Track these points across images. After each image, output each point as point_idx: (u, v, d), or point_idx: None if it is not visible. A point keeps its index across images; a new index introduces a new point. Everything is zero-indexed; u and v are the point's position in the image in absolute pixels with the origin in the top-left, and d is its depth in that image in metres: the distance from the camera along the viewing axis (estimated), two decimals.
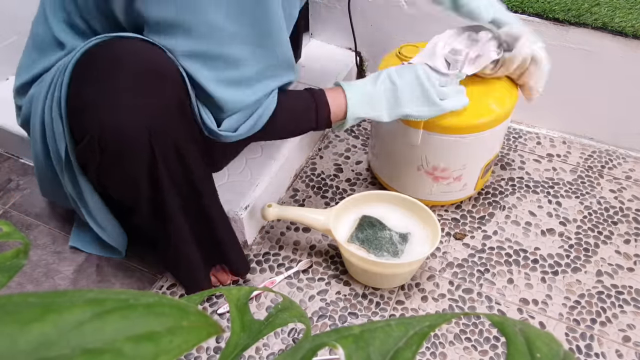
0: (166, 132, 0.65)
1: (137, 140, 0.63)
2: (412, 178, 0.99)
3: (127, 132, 0.62)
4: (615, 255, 0.99)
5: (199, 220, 0.79)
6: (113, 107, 0.62)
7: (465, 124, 0.87)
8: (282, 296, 0.41)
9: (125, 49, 0.63)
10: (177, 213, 0.75)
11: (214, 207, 0.80)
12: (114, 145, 0.64)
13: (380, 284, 0.92)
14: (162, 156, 0.67)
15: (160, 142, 0.65)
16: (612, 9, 1.05)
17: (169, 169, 0.69)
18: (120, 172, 0.68)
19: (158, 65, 0.63)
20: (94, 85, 0.63)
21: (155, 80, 0.63)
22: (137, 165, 0.66)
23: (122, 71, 0.62)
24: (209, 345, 0.86)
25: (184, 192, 0.74)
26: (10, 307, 0.19)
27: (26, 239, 0.31)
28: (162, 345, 0.20)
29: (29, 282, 0.95)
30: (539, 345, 0.24)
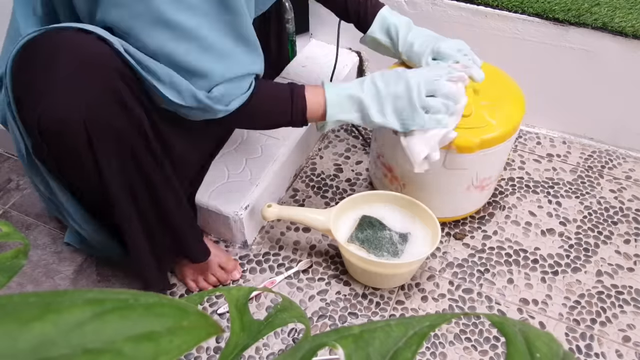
0: (103, 120, 0.65)
1: (74, 129, 0.63)
2: (461, 199, 0.97)
3: (65, 121, 0.62)
4: (615, 255, 0.99)
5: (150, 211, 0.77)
6: (49, 98, 0.62)
7: (510, 127, 0.86)
8: (282, 296, 0.41)
9: (62, 39, 0.63)
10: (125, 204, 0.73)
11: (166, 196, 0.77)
12: (54, 136, 0.64)
13: (380, 284, 0.92)
14: (101, 145, 0.66)
15: (97, 131, 0.65)
16: (612, 9, 1.05)
17: (110, 158, 0.68)
18: (69, 164, 0.68)
19: (93, 54, 0.63)
20: (32, 76, 0.63)
21: (90, 70, 0.63)
22: (79, 155, 0.66)
23: (58, 61, 0.62)
24: (209, 345, 0.86)
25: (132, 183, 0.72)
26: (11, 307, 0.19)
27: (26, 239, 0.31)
28: (162, 345, 0.20)
29: (29, 282, 0.95)
30: (539, 345, 0.24)
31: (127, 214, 0.74)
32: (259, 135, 1.09)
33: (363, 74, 1.37)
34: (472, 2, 1.12)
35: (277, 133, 1.09)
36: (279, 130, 1.09)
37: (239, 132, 1.10)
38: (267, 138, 1.08)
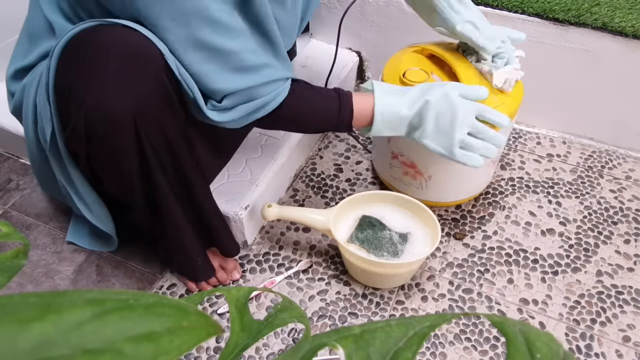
0: (151, 116, 0.65)
1: (123, 124, 0.64)
2: (481, 176, 1.02)
3: (112, 116, 0.63)
4: (615, 255, 0.99)
5: (190, 206, 0.79)
6: (98, 91, 0.62)
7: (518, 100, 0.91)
8: (282, 296, 0.41)
9: (110, 34, 0.63)
10: (169, 199, 0.75)
11: (203, 193, 0.80)
12: (100, 129, 0.64)
13: (380, 284, 0.92)
14: (149, 140, 0.67)
15: (146, 126, 0.65)
16: (612, 9, 1.05)
17: (157, 153, 0.69)
18: (109, 158, 0.68)
19: (142, 50, 0.63)
20: (79, 69, 0.63)
21: (139, 65, 0.63)
22: (125, 149, 0.66)
23: (107, 56, 0.62)
24: (209, 345, 0.86)
25: (172, 178, 0.74)
26: (11, 307, 0.19)
27: (26, 239, 0.31)
28: (162, 345, 0.20)
29: (29, 282, 0.95)
30: (539, 345, 0.24)
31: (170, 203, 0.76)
32: (259, 135, 1.09)
33: (363, 74, 1.37)
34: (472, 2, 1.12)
35: (277, 133, 1.09)
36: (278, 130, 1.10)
37: None
38: (267, 138, 1.08)
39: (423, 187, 1.00)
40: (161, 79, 0.65)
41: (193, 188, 0.78)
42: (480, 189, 1.06)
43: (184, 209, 0.79)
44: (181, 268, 0.92)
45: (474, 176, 1.00)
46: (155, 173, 0.71)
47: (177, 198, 0.76)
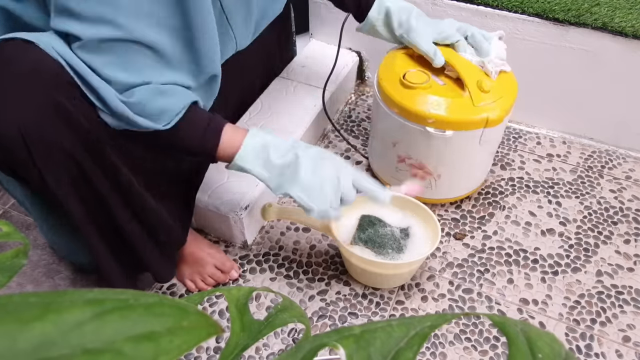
0: (42, 135, 0.62)
1: (13, 143, 0.61)
2: (484, 168, 1.05)
3: (4, 134, 0.60)
4: (615, 255, 0.99)
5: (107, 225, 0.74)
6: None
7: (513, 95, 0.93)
8: (282, 296, 0.41)
9: (3, 51, 0.61)
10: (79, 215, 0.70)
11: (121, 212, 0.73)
12: (0, 149, 0.61)
13: (380, 284, 0.92)
14: (42, 160, 0.63)
15: (37, 144, 0.62)
16: (612, 9, 1.05)
17: (55, 174, 0.65)
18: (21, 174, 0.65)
19: (33, 67, 0.61)
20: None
21: (28, 83, 0.61)
22: (25, 166, 0.63)
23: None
24: (209, 345, 0.86)
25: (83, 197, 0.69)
26: (11, 306, 0.18)
27: (26, 239, 0.31)
28: (162, 345, 0.20)
29: (29, 282, 0.95)
30: (541, 345, 0.24)
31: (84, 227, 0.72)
32: None
33: (363, 74, 1.37)
34: (472, 2, 1.12)
35: (277, 133, 1.09)
36: (279, 130, 1.10)
37: None
38: None
39: (432, 187, 1.01)
40: (54, 95, 0.61)
41: (110, 212, 0.72)
42: (482, 180, 1.08)
43: (99, 232, 0.73)
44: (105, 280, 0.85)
45: (478, 168, 1.03)
46: (57, 190, 0.66)
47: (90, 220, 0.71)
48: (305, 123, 1.12)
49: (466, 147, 0.93)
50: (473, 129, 0.89)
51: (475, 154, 0.97)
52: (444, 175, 0.99)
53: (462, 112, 0.88)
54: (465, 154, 0.95)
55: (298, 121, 1.12)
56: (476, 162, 1.00)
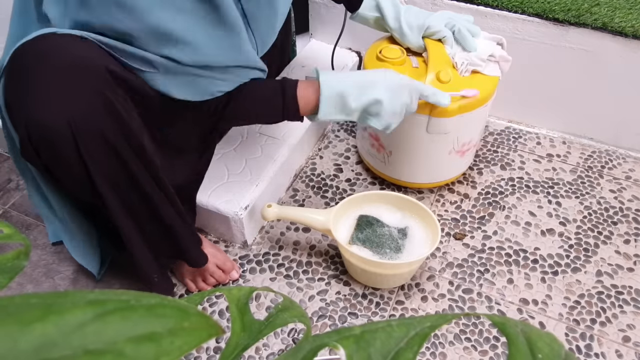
0: (89, 125, 0.64)
1: (60, 135, 0.62)
2: (443, 163, 1.04)
3: (50, 127, 0.62)
4: (615, 255, 0.99)
5: (146, 216, 0.76)
6: (35, 103, 0.61)
7: (487, 94, 0.93)
8: (283, 296, 0.41)
9: (51, 44, 0.62)
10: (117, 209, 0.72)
11: (161, 202, 0.76)
12: (42, 142, 0.63)
13: (380, 284, 0.92)
14: (88, 151, 0.65)
15: (84, 135, 0.64)
16: (612, 9, 1.05)
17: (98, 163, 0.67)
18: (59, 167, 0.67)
19: (81, 59, 0.62)
20: (20, 81, 0.63)
21: (77, 75, 0.62)
22: (68, 160, 0.65)
23: (45, 66, 0.62)
24: (209, 346, 0.86)
25: (122, 188, 0.71)
26: (12, 308, 0.19)
27: (27, 240, 0.31)
28: (163, 346, 0.20)
29: (29, 282, 0.95)
30: (541, 345, 0.24)
31: (122, 220, 0.73)
32: (259, 135, 1.09)
33: None
34: (472, 2, 1.12)
35: (277, 133, 1.09)
36: (279, 130, 1.10)
37: (238, 131, 1.10)
38: (267, 138, 1.08)
39: (385, 162, 1.05)
40: (101, 89, 0.64)
41: (150, 202, 0.74)
42: (444, 178, 1.08)
43: (136, 223, 0.75)
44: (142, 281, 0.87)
45: (433, 160, 1.03)
46: (101, 185, 0.68)
47: (128, 211, 0.73)
48: (306, 123, 1.12)
49: (411, 130, 0.96)
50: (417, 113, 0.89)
51: (423, 141, 0.97)
52: (394, 154, 1.02)
53: None
54: (412, 138, 0.98)
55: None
56: (427, 151, 1.00)
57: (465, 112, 0.92)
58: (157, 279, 0.83)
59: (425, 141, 0.97)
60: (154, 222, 0.77)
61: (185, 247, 0.83)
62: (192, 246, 0.85)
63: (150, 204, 0.75)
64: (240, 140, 1.08)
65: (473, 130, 0.99)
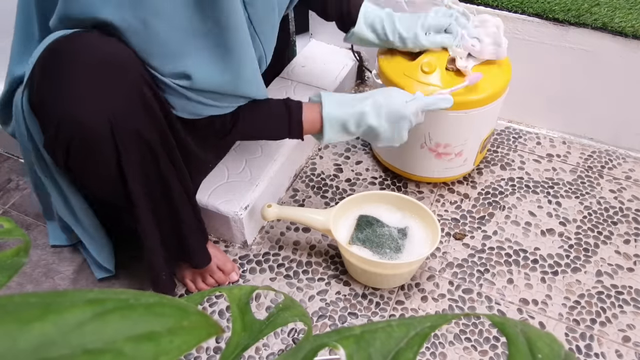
0: (128, 123, 0.64)
1: (99, 133, 0.63)
2: (416, 156, 1.03)
3: (88, 125, 0.62)
4: (615, 255, 0.99)
5: (166, 218, 0.77)
6: (72, 101, 0.61)
7: (468, 99, 0.91)
8: (284, 295, 0.41)
9: (83, 42, 0.63)
10: (143, 206, 0.73)
11: (182, 203, 0.77)
12: (76, 140, 0.63)
13: (380, 284, 0.92)
14: (126, 148, 0.66)
15: (123, 133, 0.64)
16: (612, 9, 1.05)
17: (133, 159, 0.68)
18: (89, 165, 0.68)
19: (115, 56, 0.63)
20: (54, 79, 0.63)
21: (114, 72, 0.62)
22: (102, 157, 0.66)
23: (80, 64, 0.62)
24: (209, 345, 0.86)
25: (150, 184, 0.72)
26: (11, 307, 0.18)
27: (27, 236, 0.31)
28: (162, 345, 0.20)
29: (28, 282, 0.95)
30: (540, 346, 0.24)
31: (145, 217, 0.75)
32: None
33: (363, 75, 1.37)
34: (472, 2, 1.12)
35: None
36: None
37: None
38: None
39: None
40: (138, 86, 0.64)
41: (172, 199, 0.76)
42: (417, 172, 1.08)
43: (156, 220, 0.77)
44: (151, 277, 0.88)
45: (408, 153, 1.04)
46: (132, 181, 0.69)
47: (152, 208, 0.75)
48: None
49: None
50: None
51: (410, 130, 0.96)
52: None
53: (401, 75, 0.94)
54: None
55: None
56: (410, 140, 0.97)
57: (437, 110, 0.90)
58: (165, 277, 0.84)
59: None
60: (173, 220, 0.78)
61: (191, 247, 0.84)
62: (198, 246, 0.86)
63: (173, 203, 0.76)
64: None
65: (447, 133, 0.97)
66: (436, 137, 0.98)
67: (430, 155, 1.02)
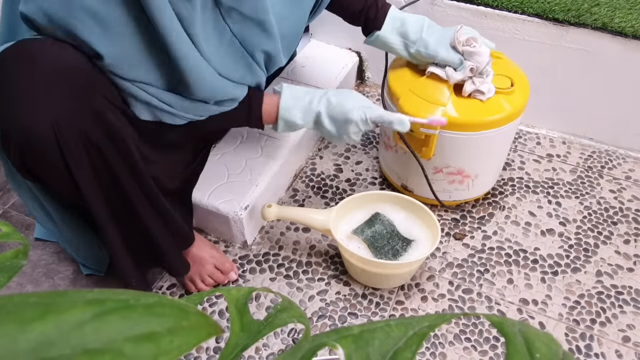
0: (72, 127, 0.63)
1: (44, 139, 0.62)
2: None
3: (33, 131, 0.61)
4: (615, 255, 0.99)
5: (127, 220, 0.76)
6: (17, 108, 0.61)
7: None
8: (282, 296, 0.41)
9: (34, 49, 0.62)
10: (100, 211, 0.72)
11: (142, 205, 0.75)
12: (25, 146, 0.63)
13: (380, 284, 0.93)
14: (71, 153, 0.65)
15: (68, 138, 0.64)
16: (612, 9, 1.05)
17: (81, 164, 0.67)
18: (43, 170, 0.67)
19: (67, 66, 0.62)
20: (2, 87, 0.62)
21: (61, 78, 0.62)
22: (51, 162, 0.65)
23: (28, 72, 0.62)
24: (209, 346, 0.86)
25: (105, 189, 0.71)
26: (11, 307, 0.19)
27: (25, 239, 0.31)
28: (162, 345, 0.20)
29: (28, 282, 0.95)
30: (539, 345, 0.24)
31: (104, 221, 0.73)
32: (259, 136, 1.09)
33: (363, 74, 1.37)
34: (472, 2, 1.12)
35: (277, 133, 1.09)
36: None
37: (238, 132, 1.10)
38: (267, 138, 1.08)
39: (469, 187, 1.01)
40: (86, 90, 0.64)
41: (132, 204, 0.74)
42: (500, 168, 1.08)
43: (118, 225, 0.75)
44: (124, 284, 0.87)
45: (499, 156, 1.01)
46: (84, 186, 0.68)
47: (110, 212, 0.73)
48: None
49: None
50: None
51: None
52: (480, 175, 1.00)
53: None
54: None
55: None
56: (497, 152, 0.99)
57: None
58: (135, 284, 0.82)
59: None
60: (136, 225, 0.76)
61: (166, 254, 0.82)
62: (173, 254, 0.84)
63: (131, 207, 0.74)
64: (240, 140, 1.08)
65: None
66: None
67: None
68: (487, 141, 0.92)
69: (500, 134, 0.92)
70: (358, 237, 0.91)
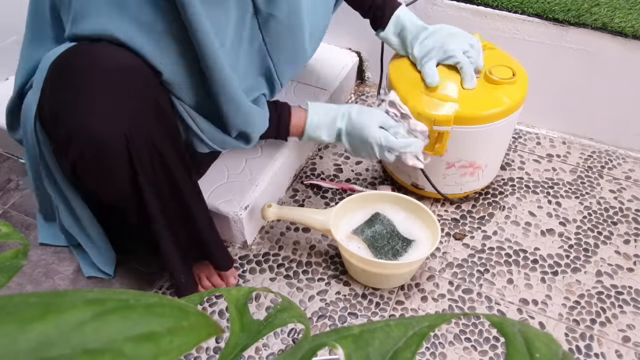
0: (143, 134, 0.64)
1: (114, 146, 0.62)
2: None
3: (103, 138, 0.61)
4: (615, 255, 0.99)
5: (181, 221, 0.77)
6: (86, 115, 0.61)
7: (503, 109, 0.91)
8: (282, 297, 0.41)
9: (97, 53, 0.62)
10: (157, 214, 0.73)
11: (196, 207, 0.78)
12: (91, 152, 0.62)
13: (380, 284, 0.93)
14: (140, 159, 0.65)
15: (138, 145, 0.64)
16: (612, 9, 1.05)
17: (147, 171, 0.67)
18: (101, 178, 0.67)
19: (130, 67, 0.62)
20: (66, 93, 0.62)
21: (129, 83, 0.62)
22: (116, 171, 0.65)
23: (95, 76, 0.61)
24: (209, 346, 0.86)
25: (165, 194, 0.72)
26: (11, 307, 0.19)
27: (25, 239, 0.31)
28: (162, 345, 0.20)
29: (28, 282, 0.95)
30: (538, 345, 0.24)
31: (160, 225, 0.74)
32: None
33: (363, 75, 1.37)
34: (472, 2, 1.12)
35: None
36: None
37: None
38: None
39: (480, 178, 1.03)
40: (151, 94, 0.64)
41: (188, 207, 0.76)
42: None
43: (172, 229, 0.76)
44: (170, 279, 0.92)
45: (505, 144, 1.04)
46: (147, 192, 0.69)
47: (167, 216, 0.74)
48: None
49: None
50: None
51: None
52: (490, 164, 1.01)
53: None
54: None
55: None
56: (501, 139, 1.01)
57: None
58: (184, 279, 0.85)
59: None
60: (188, 227, 0.79)
61: (213, 252, 0.85)
62: (220, 251, 0.87)
63: (188, 211, 0.76)
64: None
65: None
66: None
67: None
68: (497, 131, 0.94)
69: (508, 123, 0.94)
70: (358, 237, 0.91)
